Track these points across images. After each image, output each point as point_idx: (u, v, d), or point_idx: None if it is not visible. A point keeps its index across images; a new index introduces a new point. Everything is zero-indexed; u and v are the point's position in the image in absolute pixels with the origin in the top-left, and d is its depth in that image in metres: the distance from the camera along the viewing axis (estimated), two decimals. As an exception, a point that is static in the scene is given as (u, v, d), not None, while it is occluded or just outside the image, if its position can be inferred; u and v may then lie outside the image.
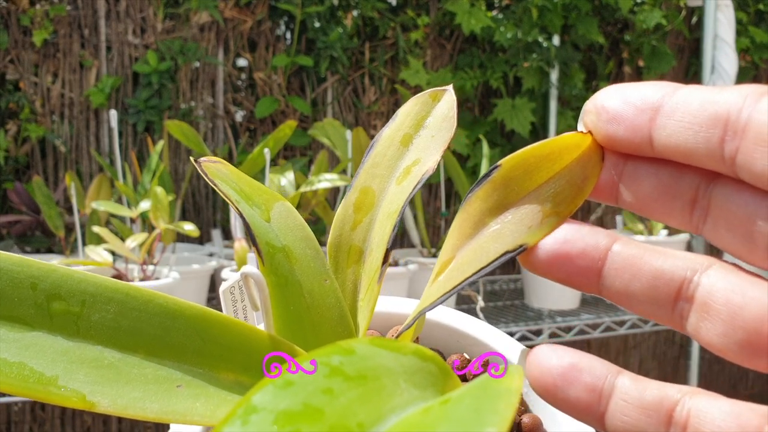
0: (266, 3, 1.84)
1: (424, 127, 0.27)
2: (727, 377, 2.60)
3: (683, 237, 1.80)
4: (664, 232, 1.81)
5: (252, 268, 0.23)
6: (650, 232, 1.81)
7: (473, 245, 0.23)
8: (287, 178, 1.31)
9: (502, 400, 0.16)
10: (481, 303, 1.47)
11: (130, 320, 0.22)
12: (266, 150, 1.29)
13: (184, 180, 1.78)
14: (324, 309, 0.26)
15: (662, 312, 0.22)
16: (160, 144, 1.42)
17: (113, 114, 1.43)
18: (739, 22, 2.14)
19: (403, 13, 1.96)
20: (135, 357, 0.22)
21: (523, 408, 0.29)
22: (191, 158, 0.26)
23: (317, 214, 1.47)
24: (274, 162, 1.52)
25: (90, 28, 1.74)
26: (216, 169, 0.25)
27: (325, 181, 1.37)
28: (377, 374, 0.17)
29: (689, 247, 1.89)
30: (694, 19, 2.27)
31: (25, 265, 0.22)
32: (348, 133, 1.52)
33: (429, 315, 0.31)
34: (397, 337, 0.24)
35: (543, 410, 0.29)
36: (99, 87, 1.71)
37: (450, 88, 0.27)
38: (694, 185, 0.22)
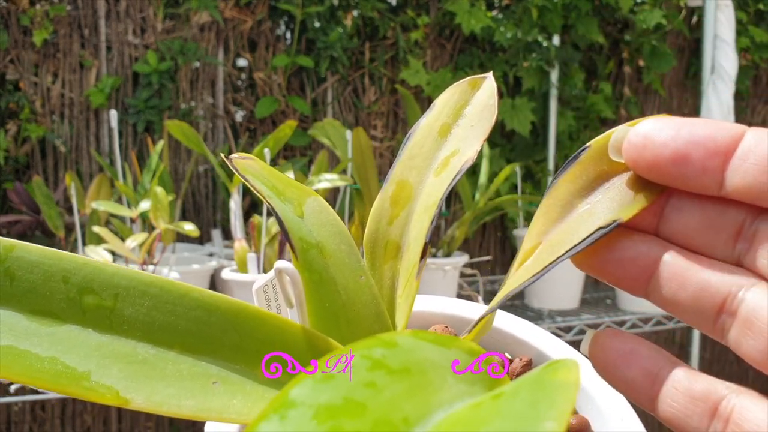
0: (266, 3, 1.84)
1: (462, 117, 0.27)
2: (726, 378, 2.59)
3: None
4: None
5: (286, 263, 0.23)
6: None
7: (562, 227, 0.23)
8: (288, 179, 1.31)
9: (559, 394, 0.15)
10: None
11: (165, 314, 0.22)
12: (266, 150, 1.28)
13: (184, 180, 1.77)
14: (360, 306, 0.25)
15: (705, 322, 0.22)
16: (160, 144, 1.42)
17: (113, 114, 1.43)
18: (739, 22, 2.14)
19: (403, 13, 1.95)
20: (170, 352, 0.22)
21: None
22: (221, 155, 0.25)
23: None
24: (274, 162, 1.51)
25: (90, 28, 1.73)
26: (247, 165, 0.25)
27: (325, 181, 1.37)
28: (422, 368, 0.16)
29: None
30: (694, 19, 2.27)
31: (57, 258, 0.21)
32: (348, 133, 1.51)
33: (469, 315, 0.31)
34: (470, 331, 0.23)
35: (590, 411, 0.28)
36: (99, 87, 1.70)
37: (490, 75, 0.26)
38: (740, 219, 0.22)
